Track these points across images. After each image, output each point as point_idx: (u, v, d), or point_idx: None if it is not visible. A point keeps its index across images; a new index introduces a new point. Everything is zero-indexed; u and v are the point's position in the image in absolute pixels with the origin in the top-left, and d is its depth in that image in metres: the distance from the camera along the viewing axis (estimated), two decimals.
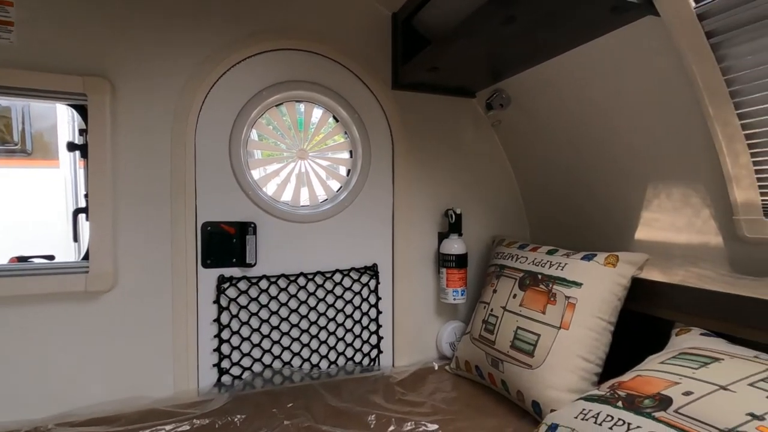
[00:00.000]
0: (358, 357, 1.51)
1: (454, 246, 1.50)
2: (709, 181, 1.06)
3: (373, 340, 1.53)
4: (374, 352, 1.53)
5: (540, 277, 1.27)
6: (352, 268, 1.50)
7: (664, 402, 0.80)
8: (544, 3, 0.95)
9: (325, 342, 1.47)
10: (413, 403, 1.26)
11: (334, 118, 1.52)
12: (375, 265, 1.53)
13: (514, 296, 1.30)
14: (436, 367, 1.50)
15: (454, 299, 1.50)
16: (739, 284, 1.04)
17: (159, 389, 1.28)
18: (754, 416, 0.71)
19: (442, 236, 1.58)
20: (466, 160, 1.66)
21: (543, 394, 1.12)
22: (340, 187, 1.54)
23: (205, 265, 1.33)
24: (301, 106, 1.49)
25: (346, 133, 1.54)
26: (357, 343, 1.51)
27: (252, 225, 1.37)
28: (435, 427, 1.13)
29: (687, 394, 0.80)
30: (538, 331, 1.19)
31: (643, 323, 1.20)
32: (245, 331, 1.38)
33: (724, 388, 0.78)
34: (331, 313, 1.47)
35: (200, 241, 1.32)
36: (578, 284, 1.18)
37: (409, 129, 1.57)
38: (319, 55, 1.45)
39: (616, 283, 1.16)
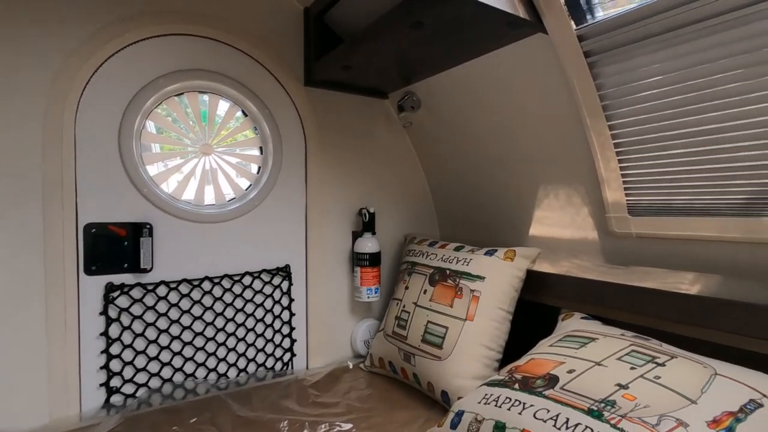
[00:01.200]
0: (270, 362, 1.45)
1: (368, 245, 1.52)
2: (588, 183, 1.20)
3: (286, 343, 1.48)
4: (287, 356, 1.48)
5: (448, 272, 1.34)
6: (263, 270, 1.44)
7: (553, 381, 0.89)
8: (449, 12, 1.00)
9: (233, 349, 1.39)
10: (327, 404, 1.24)
11: (243, 112, 1.45)
12: (287, 266, 1.48)
13: (425, 292, 1.35)
14: (351, 366, 1.50)
15: (368, 297, 1.52)
16: (611, 273, 1.20)
17: (31, 418, 1.10)
18: (621, 386, 0.82)
19: (356, 235, 1.59)
20: (380, 159, 1.68)
21: (451, 383, 1.18)
22: (250, 185, 1.47)
23: (89, 272, 1.17)
24: (205, 98, 1.38)
25: (256, 128, 1.47)
26: (269, 348, 1.45)
27: (147, 226, 1.24)
28: (349, 426, 1.13)
29: (570, 372, 0.90)
30: (446, 324, 1.25)
31: (536, 311, 1.33)
32: (140, 344, 1.24)
33: (598, 363, 0.89)
34: (240, 318, 1.40)
35: (82, 244, 1.16)
36: (482, 278, 1.26)
37: (323, 127, 1.55)
38: (227, 45, 1.37)
39: (514, 276, 1.27)
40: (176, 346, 1.29)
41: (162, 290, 1.27)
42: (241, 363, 1.40)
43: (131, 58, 1.22)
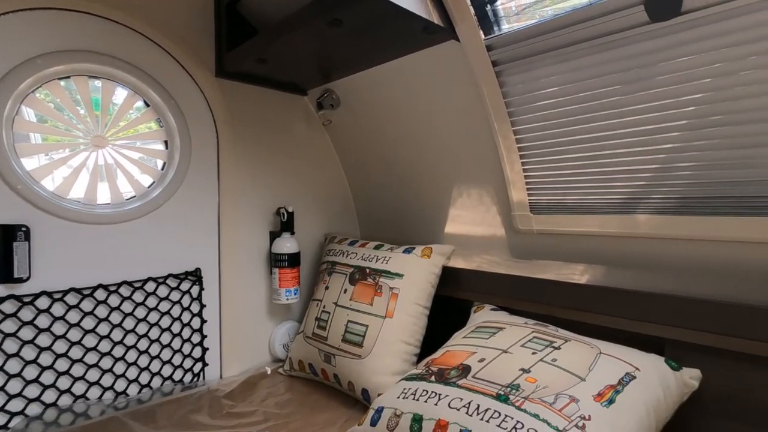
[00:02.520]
0: (178, 374, 1.34)
1: (287, 245, 1.47)
2: (496, 184, 1.29)
3: (197, 352, 1.38)
4: (198, 366, 1.38)
5: (368, 271, 1.35)
6: (170, 275, 1.32)
7: (466, 370, 0.94)
8: (366, 12, 1.00)
9: (134, 363, 1.25)
10: (243, 414, 1.18)
11: (146, 102, 1.32)
12: (198, 270, 1.38)
13: (345, 291, 1.35)
14: (269, 372, 1.45)
15: (287, 299, 1.47)
16: (516, 267, 1.30)
17: None
18: (524, 370, 0.89)
19: (273, 235, 1.53)
20: (299, 158, 1.64)
21: (371, 380, 1.19)
22: (153, 182, 1.34)
23: None
24: (98, 83, 1.23)
25: (160, 120, 1.34)
26: (177, 359, 1.34)
27: (23, 229, 1.07)
28: None
29: (481, 360, 0.96)
30: (366, 322, 1.26)
31: (451, 305, 1.39)
32: (14, 366, 1.07)
33: (505, 351, 0.96)
34: (142, 328, 1.27)
35: None
36: (400, 275, 1.29)
37: (237, 121, 1.46)
38: (125, 27, 1.23)
39: (431, 272, 1.32)
40: (62, 365, 1.14)
41: (43, 302, 1.11)
42: (144, 378, 1.27)
43: (1, 32, 1.05)
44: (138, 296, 1.26)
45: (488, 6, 1.06)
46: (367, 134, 1.59)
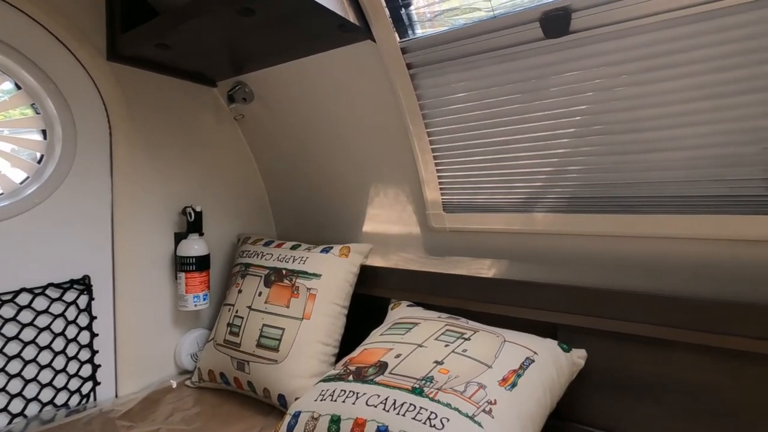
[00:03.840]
0: (62, 398, 1.17)
1: (194, 247, 1.37)
2: (412, 183, 1.33)
3: (86, 371, 1.22)
4: (88, 386, 1.22)
5: (284, 272, 1.31)
6: (50, 285, 1.15)
7: (383, 367, 0.96)
8: (281, 4, 0.97)
9: (3, 390, 1.07)
10: None
11: (16, 84, 1.13)
12: (86, 278, 1.22)
13: (260, 294, 1.29)
14: (175, 385, 1.33)
15: (196, 305, 1.37)
16: (430, 263, 1.36)
17: None
18: (437, 362, 0.93)
19: (179, 237, 1.41)
20: (208, 153, 1.53)
21: (288, 385, 1.15)
22: (27, 177, 1.16)
23: None
24: None
25: (36, 106, 1.16)
26: (60, 380, 1.17)
27: None
28: None
29: (398, 356, 0.98)
30: (282, 325, 1.22)
31: (370, 303, 1.41)
32: None
33: (420, 345, 1.00)
34: (13, 348, 1.09)
35: None
36: (318, 276, 1.27)
37: (135, 111, 1.32)
38: None
39: (349, 272, 1.31)
40: None
41: None
42: (16, 405, 1.09)
43: None
44: (7, 311, 1.08)
45: (403, 9, 1.09)
46: (283, 131, 1.54)
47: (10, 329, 1.09)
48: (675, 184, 0.93)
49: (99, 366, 1.24)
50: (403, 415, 0.82)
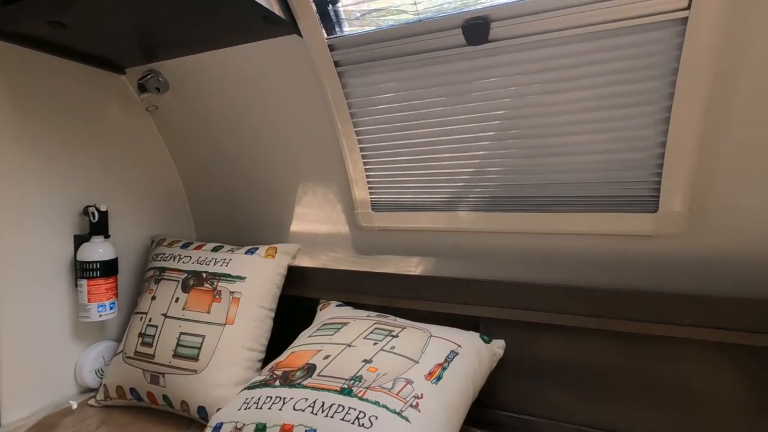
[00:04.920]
0: None
1: (98, 251, 1.23)
2: (340, 182, 1.32)
3: None
4: None
5: (205, 275, 1.23)
6: None
7: (311, 369, 0.94)
8: None
9: None
10: None
11: None
12: None
13: (177, 300, 1.20)
14: (75, 406, 1.19)
15: (101, 315, 1.23)
16: (359, 262, 1.36)
17: None
18: (366, 361, 0.93)
19: (80, 240, 1.26)
20: (115, 147, 1.39)
21: (209, 395, 1.08)
22: None
23: None
24: None
25: None
26: None
27: None
28: None
29: (326, 357, 0.97)
30: (203, 332, 1.14)
31: (299, 304, 1.37)
32: None
33: (349, 345, 0.99)
34: None
35: None
36: (242, 278, 1.21)
37: (21, 97, 1.15)
38: None
39: (276, 273, 1.27)
40: None
41: None
42: None
43: None
44: None
45: (330, 6, 1.07)
46: (203, 125, 1.44)
47: None
48: (578, 185, 1.02)
49: None
50: (332, 416, 0.81)
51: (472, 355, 0.99)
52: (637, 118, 0.92)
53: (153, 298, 1.24)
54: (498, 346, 1.07)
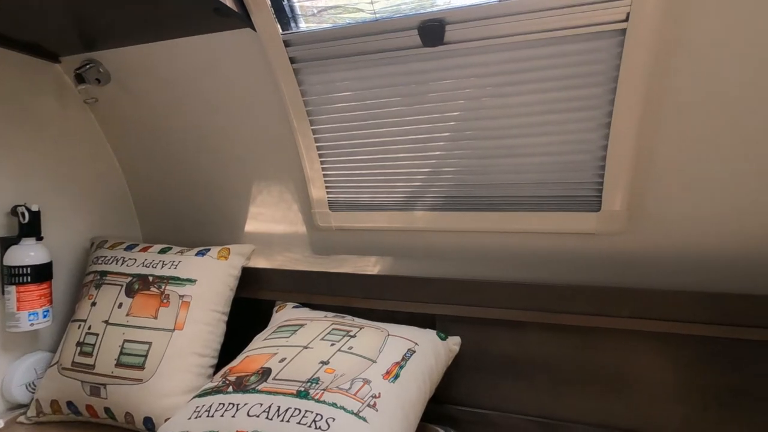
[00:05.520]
0: None
1: (29, 254, 1.13)
2: (297, 181, 1.30)
3: None
4: None
5: (151, 279, 1.16)
6: None
7: (266, 373, 0.92)
8: None
9: None
10: None
11: None
12: None
13: (120, 306, 1.13)
14: (2, 424, 1.09)
15: (32, 325, 1.13)
16: (317, 262, 1.34)
17: None
18: (323, 362, 0.92)
19: (8, 242, 1.15)
20: (49, 141, 1.28)
21: (156, 405, 1.03)
22: None
23: None
24: None
25: None
26: None
27: None
28: None
29: (282, 360, 0.94)
30: (149, 339, 1.08)
31: (254, 307, 1.33)
32: None
33: (306, 347, 0.98)
34: None
35: None
36: (192, 281, 1.16)
37: None
38: None
39: (229, 275, 1.23)
40: None
41: None
42: None
43: None
44: None
45: (285, 1, 1.05)
46: (149, 120, 1.36)
47: None
48: (527, 185, 1.07)
49: None
50: (287, 421, 0.79)
51: (429, 353, 1.01)
52: (581, 123, 0.97)
53: (93, 304, 1.15)
54: (454, 342, 1.09)
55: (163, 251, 1.24)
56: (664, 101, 0.91)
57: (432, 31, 0.95)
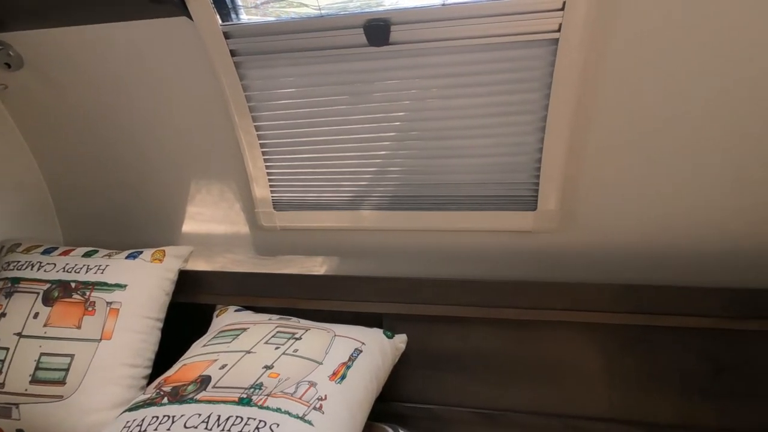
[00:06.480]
0: None
1: None
2: (239, 180, 1.25)
3: None
4: None
5: (74, 285, 1.06)
6: None
7: (205, 382, 0.87)
8: None
9: None
10: None
11: None
12: None
13: (36, 316, 1.02)
14: None
15: None
16: (260, 264, 1.30)
17: None
18: (267, 367, 0.89)
19: None
20: None
21: (81, 423, 0.94)
22: None
23: None
24: None
25: None
26: None
27: None
28: None
29: (223, 367, 0.90)
30: (71, 351, 0.99)
31: (192, 312, 1.26)
32: None
33: (248, 351, 0.94)
34: None
35: None
36: (122, 286, 1.08)
37: None
38: None
39: (164, 278, 1.15)
40: None
41: None
42: None
43: None
44: None
45: None
46: (72, 111, 1.24)
47: None
48: (469, 185, 1.10)
49: None
50: (228, 430, 0.76)
51: (376, 352, 1.01)
52: (519, 126, 1.02)
53: (3, 315, 1.03)
54: (400, 340, 1.10)
55: (88, 254, 1.14)
56: (594, 106, 0.98)
57: (377, 30, 0.95)
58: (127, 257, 1.14)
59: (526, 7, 0.88)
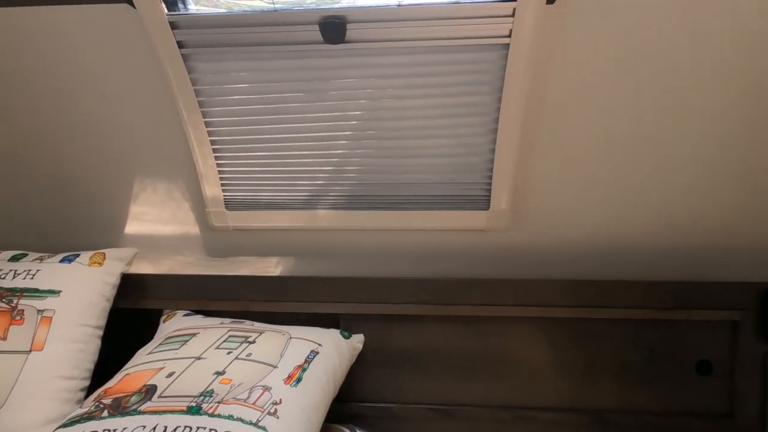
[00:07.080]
0: None
1: None
2: (188, 178, 1.19)
3: None
4: None
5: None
6: None
7: (150, 391, 0.82)
8: None
9: None
10: None
11: None
12: None
13: None
14: None
15: None
16: (212, 266, 1.25)
17: None
18: (218, 373, 0.86)
19: None
20: None
21: None
22: None
23: None
24: None
25: None
26: None
27: None
28: None
29: (170, 375, 0.86)
30: None
31: (137, 318, 1.19)
32: None
33: (198, 358, 0.90)
34: None
35: None
36: (55, 292, 0.99)
37: None
38: None
39: (104, 283, 1.08)
40: None
41: None
42: None
43: None
44: None
45: None
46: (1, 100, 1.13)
47: None
48: (424, 185, 1.12)
49: None
50: None
51: (333, 353, 1.00)
52: (472, 127, 1.05)
53: None
54: (357, 340, 1.10)
55: (15, 258, 1.05)
56: (543, 109, 1.02)
57: (333, 27, 0.94)
58: (61, 261, 1.05)
59: (478, 11, 0.90)
